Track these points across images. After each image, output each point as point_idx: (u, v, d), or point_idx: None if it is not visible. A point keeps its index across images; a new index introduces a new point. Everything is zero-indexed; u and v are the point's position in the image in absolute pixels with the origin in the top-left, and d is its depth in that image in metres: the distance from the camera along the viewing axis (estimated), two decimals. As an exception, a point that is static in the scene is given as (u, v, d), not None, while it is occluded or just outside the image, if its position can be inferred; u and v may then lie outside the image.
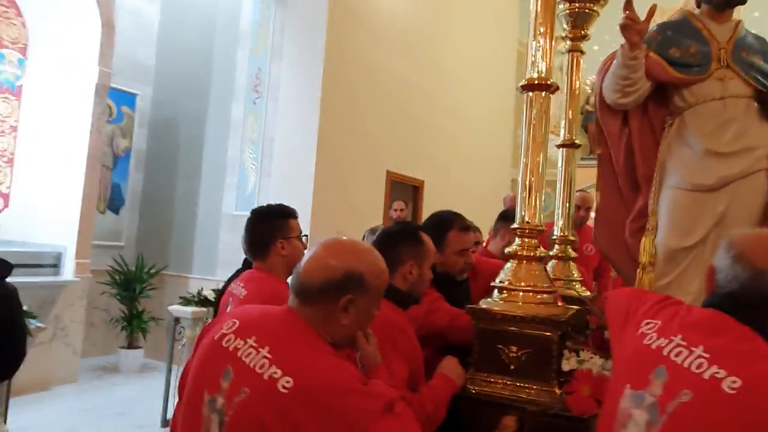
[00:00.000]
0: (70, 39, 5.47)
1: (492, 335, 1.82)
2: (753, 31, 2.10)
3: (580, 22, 2.71)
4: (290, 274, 1.81)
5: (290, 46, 5.74)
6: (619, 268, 2.29)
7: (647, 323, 1.40)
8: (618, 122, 2.14)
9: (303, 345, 1.22)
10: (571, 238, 2.76)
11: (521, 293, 1.85)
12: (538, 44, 1.91)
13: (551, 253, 2.66)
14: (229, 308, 2.02)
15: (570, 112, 2.79)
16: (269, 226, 2.13)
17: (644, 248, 2.07)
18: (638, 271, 2.08)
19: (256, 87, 5.82)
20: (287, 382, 1.13)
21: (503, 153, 9.43)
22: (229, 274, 2.77)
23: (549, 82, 1.90)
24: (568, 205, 2.73)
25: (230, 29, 6.18)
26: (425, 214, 7.35)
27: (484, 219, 3.94)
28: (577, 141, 2.77)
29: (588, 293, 2.67)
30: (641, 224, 2.13)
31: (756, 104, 1.96)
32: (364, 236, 3.55)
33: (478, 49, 8.52)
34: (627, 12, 1.85)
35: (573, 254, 2.76)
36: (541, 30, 1.91)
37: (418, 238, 1.85)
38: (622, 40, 1.89)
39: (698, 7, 2.12)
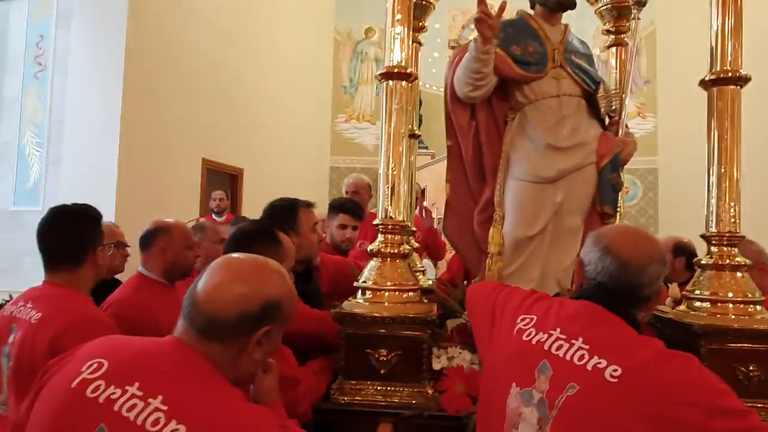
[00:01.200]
0: None
1: (360, 340, 1.71)
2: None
3: (417, 13, 2.70)
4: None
5: (81, 11, 4.88)
6: (467, 258, 2.34)
7: (523, 319, 1.40)
8: (467, 115, 2.17)
9: (209, 392, 0.98)
10: (413, 228, 2.78)
11: (387, 293, 1.77)
12: (396, 32, 1.82)
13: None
14: (12, 337, 1.58)
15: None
16: (87, 229, 1.72)
17: (492, 238, 2.13)
18: (488, 260, 2.15)
19: (38, 58, 4.85)
20: None
21: (322, 142, 9.41)
22: (6, 283, 2.20)
23: (408, 71, 1.82)
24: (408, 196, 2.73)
25: (-4, -16, 5.07)
26: (245, 204, 6.96)
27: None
28: (416, 131, 2.78)
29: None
30: (488, 215, 2.19)
31: (585, 103, 2.14)
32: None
33: (295, 35, 8.33)
34: (480, 7, 1.85)
35: (415, 244, 2.77)
36: (398, 17, 1.83)
37: (276, 237, 1.67)
38: (451, 34, 1.90)
39: (532, 8, 2.24)
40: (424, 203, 4.63)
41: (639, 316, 1.31)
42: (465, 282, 2.48)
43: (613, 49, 2.60)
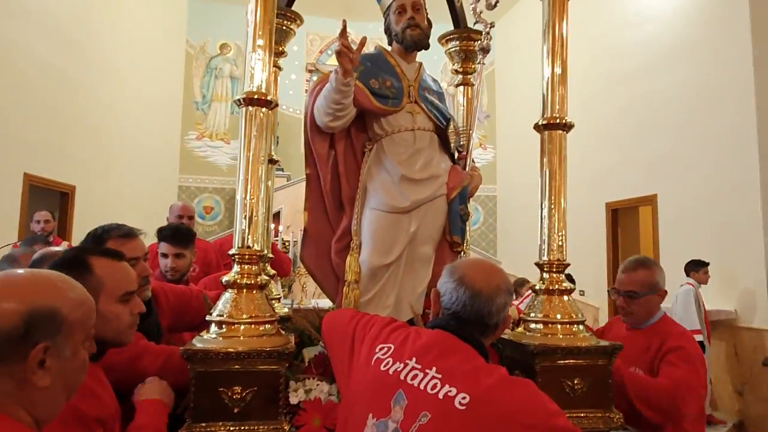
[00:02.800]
0: None
1: (212, 378, 1.60)
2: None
3: (277, 38, 2.68)
4: None
5: None
6: (323, 286, 2.34)
7: (381, 348, 1.43)
8: (326, 144, 2.19)
9: None
10: (270, 255, 2.71)
11: (242, 326, 1.69)
12: (257, 56, 1.78)
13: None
14: None
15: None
16: None
17: (349, 266, 2.16)
18: (344, 288, 2.16)
19: None
20: None
21: (171, 159, 8.84)
22: None
23: (269, 98, 1.79)
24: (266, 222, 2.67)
25: None
26: (77, 225, 6.26)
27: (152, 229, 3.50)
28: (274, 157, 2.74)
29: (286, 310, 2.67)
30: (346, 243, 2.22)
31: (437, 137, 2.27)
32: None
33: (142, 44, 7.79)
34: (341, 40, 1.89)
35: (271, 272, 2.70)
36: (260, 42, 1.79)
37: (85, 265, 1.40)
38: (308, 57, 1.92)
39: (390, 44, 2.34)
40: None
41: (487, 343, 1.41)
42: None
43: (461, 87, 2.81)
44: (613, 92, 7.30)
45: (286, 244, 6.56)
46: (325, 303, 2.66)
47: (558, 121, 1.98)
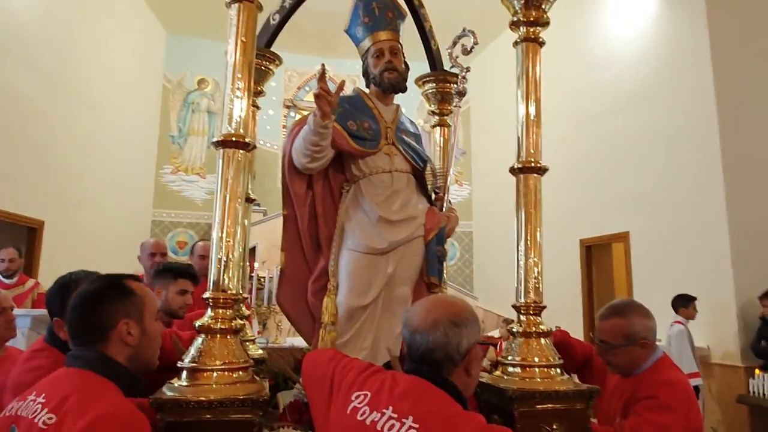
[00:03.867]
0: None
1: (183, 428, 1.54)
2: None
3: (256, 77, 2.70)
4: None
5: None
6: (299, 328, 2.30)
7: (357, 396, 1.40)
8: (304, 185, 2.19)
9: None
10: (245, 296, 2.66)
11: (215, 373, 1.64)
12: (234, 97, 1.78)
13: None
14: None
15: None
16: None
17: (326, 308, 2.14)
18: (321, 330, 2.13)
19: None
20: None
21: (145, 193, 8.72)
22: None
23: (247, 140, 1.78)
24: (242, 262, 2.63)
25: None
26: (45, 262, 6.07)
27: (124, 265, 3.42)
28: (251, 195, 2.72)
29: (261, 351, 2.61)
30: (323, 284, 2.20)
31: (414, 179, 2.29)
32: None
33: (117, 76, 7.75)
34: (320, 84, 1.92)
35: (247, 312, 2.65)
36: (239, 85, 1.80)
37: (124, 287, 1.49)
38: (286, 93, 1.94)
39: (368, 87, 2.37)
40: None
41: (460, 385, 1.37)
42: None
43: (438, 128, 2.85)
44: (585, 131, 7.50)
45: (261, 280, 6.47)
46: (301, 341, 2.62)
47: (533, 164, 2.02)
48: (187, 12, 8.48)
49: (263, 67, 2.67)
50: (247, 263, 3.41)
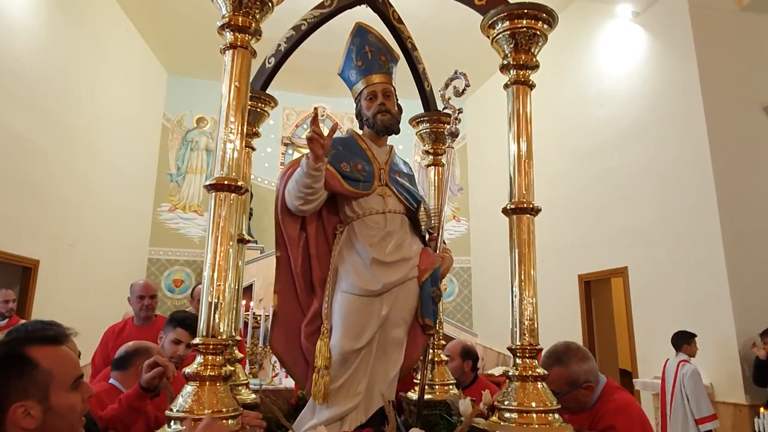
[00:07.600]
0: None
1: (168, 482, 1.49)
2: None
3: (251, 119, 2.73)
4: None
5: None
6: (292, 372, 2.26)
7: None
8: (297, 227, 2.18)
9: None
10: (238, 338, 2.63)
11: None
12: (228, 142, 1.79)
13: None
14: None
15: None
16: None
17: (320, 351, 2.10)
18: (314, 375, 2.09)
19: None
20: None
21: (142, 231, 8.71)
22: None
23: (239, 184, 1.78)
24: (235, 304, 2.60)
25: None
26: (39, 303, 6.01)
27: (118, 304, 3.39)
28: (246, 236, 2.71)
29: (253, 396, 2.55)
30: (316, 327, 2.16)
31: (407, 220, 2.28)
32: None
33: (121, 117, 7.86)
34: (313, 127, 1.93)
35: (239, 355, 2.61)
36: (233, 128, 1.81)
37: (26, 359, 1.25)
38: (284, 131, 1.95)
39: (361, 128, 2.40)
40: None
41: None
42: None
43: (432, 167, 2.87)
44: (580, 168, 7.56)
45: (258, 318, 6.40)
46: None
47: (525, 205, 2.01)
48: (188, 53, 8.65)
49: (258, 109, 2.70)
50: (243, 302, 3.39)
